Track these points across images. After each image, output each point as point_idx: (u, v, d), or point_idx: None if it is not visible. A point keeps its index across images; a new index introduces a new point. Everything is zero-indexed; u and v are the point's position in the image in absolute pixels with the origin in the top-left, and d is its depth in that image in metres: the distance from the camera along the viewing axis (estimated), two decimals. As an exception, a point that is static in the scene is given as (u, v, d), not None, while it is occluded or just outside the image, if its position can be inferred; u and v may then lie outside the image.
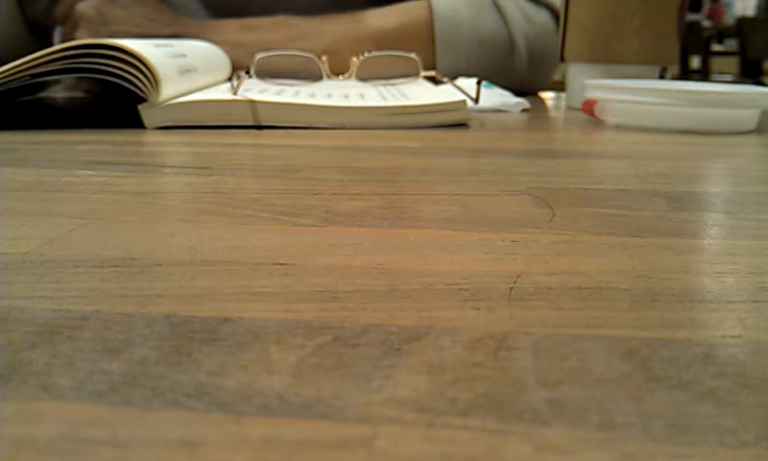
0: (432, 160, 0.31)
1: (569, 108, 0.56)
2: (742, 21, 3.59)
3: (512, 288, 0.15)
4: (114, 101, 0.53)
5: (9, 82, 0.39)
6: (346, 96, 0.46)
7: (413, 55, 0.56)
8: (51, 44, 0.39)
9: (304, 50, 0.55)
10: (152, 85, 0.39)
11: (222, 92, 0.45)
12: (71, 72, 0.40)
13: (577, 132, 0.42)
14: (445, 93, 0.48)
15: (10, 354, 0.12)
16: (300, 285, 0.15)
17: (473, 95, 0.48)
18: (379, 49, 0.58)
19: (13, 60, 0.39)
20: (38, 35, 0.70)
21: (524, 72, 0.66)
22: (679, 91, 0.42)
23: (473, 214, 0.21)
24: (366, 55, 0.55)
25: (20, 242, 0.18)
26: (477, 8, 0.65)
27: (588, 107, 0.46)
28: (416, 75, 0.56)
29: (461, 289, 0.15)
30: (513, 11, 0.65)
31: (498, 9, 0.65)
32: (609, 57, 0.53)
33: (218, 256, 0.17)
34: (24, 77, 0.39)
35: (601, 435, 0.09)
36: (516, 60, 0.65)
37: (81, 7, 0.60)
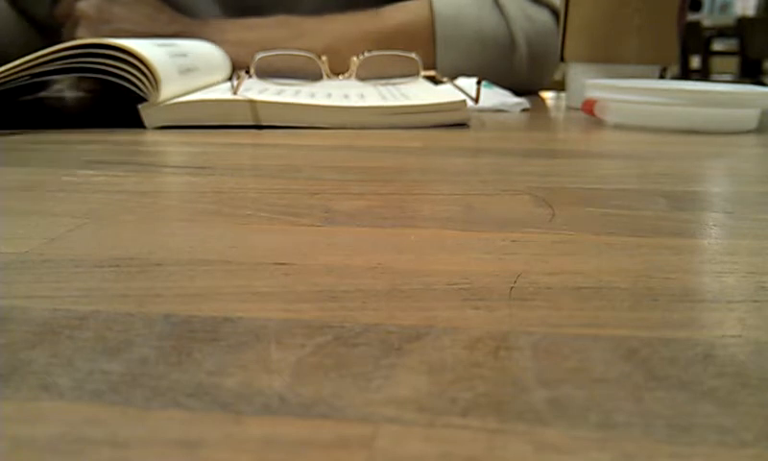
0: (432, 160, 0.30)
1: (569, 107, 0.56)
2: (742, 21, 3.59)
3: (512, 288, 0.15)
4: (114, 101, 0.53)
5: (9, 81, 0.39)
6: (346, 96, 0.46)
7: (413, 55, 0.56)
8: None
9: (305, 49, 0.55)
10: (152, 85, 0.39)
11: (222, 92, 0.45)
12: (71, 72, 0.40)
13: (577, 131, 0.42)
14: (445, 93, 0.48)
15: (10, 354, 0.12)
16: (300, 285, 0.15)
17: (473, 95, 0.48)
18: (380, 48, 0.57)
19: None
20: (47, 35, 0.70)
21: (525, 71, 0.66)
22: (679, 91, 0.42)
23: (473, 214, 0.21)
24: (366, 55, 0.55)
25: (20, 242, 0.18)
26: (478, 6, 0.65)
27: (588, 106, 0.46)
28: (416, 75, 0.56)
29: (461, 289, 0.15)
30: (514, 9, 0.65)
31: (499, 7, 0.65)
32: (609, 57, 0.53)
33: (218, 256, 0.17)
34: (24, 77, 0.39)
35: (601, 435, 0.09)
36: (516, 58, 0.65)
37: (81, 5, 0.60)
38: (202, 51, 0.52)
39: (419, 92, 0.49)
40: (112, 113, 0.48)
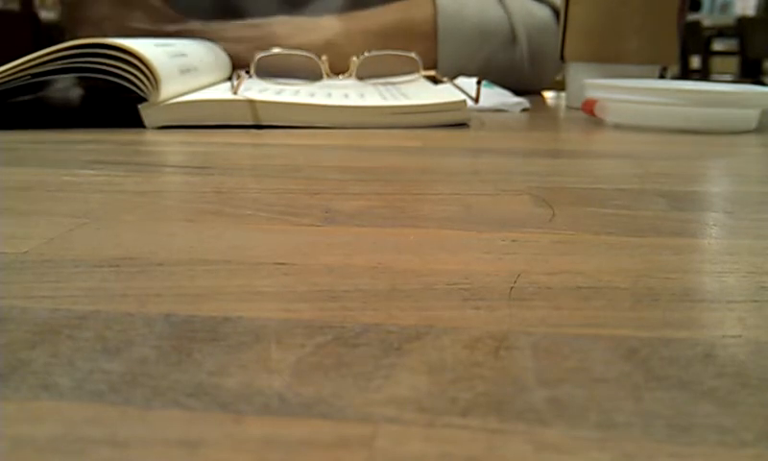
0: (432, 160, 0.30)
1: (569, 107, 0.56)
2: (742, 21, 3.60)
3: (512, 288, 0.15)
4: (114, 100, 0.53)
5: (9, 81, 0.39)
6: (346, 96, 0.46)
7: (413, 54, 0.56)
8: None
9: (306, 46, 0.55)
10: (152, 85, 0.39)
11: (222, 92, 0.45)
12: (71, 72, 0.40)
13: (577, 131, 0.42)
14: (445, 93, 0.48)
15: (10, 354, 0.12)
16: (300, 285, 0.15)
17: (473, 95, 0.48)
18: (382, 44, 0.57)
19: None
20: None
21: (525, 68, 0.66)
22: (679, 91, 0.42)
23: (473, 214, 0.21)
24: (366, 54, 0.55)
25: (20, 242, 0.18)
26: (480, 2, 0.65)
27: (588, 106, 0.46)
28: (416, 74, 0.56)
29: (461, 289, 0.15)
30: (516, 5, 0.65)
31: (501, 2, 0.65)
32: (609, 56, 0.53)
33: (218, 256, 0.17)
34: (24, 77, 0.39)
35: (601, 435, 0.09)
36: (517, 54, 0.65)
37: (85, 5, 0.60)
38: (202, 51, 0.52)
39: (418, 92, 0.49)
40: (112, 113, 0.47)
